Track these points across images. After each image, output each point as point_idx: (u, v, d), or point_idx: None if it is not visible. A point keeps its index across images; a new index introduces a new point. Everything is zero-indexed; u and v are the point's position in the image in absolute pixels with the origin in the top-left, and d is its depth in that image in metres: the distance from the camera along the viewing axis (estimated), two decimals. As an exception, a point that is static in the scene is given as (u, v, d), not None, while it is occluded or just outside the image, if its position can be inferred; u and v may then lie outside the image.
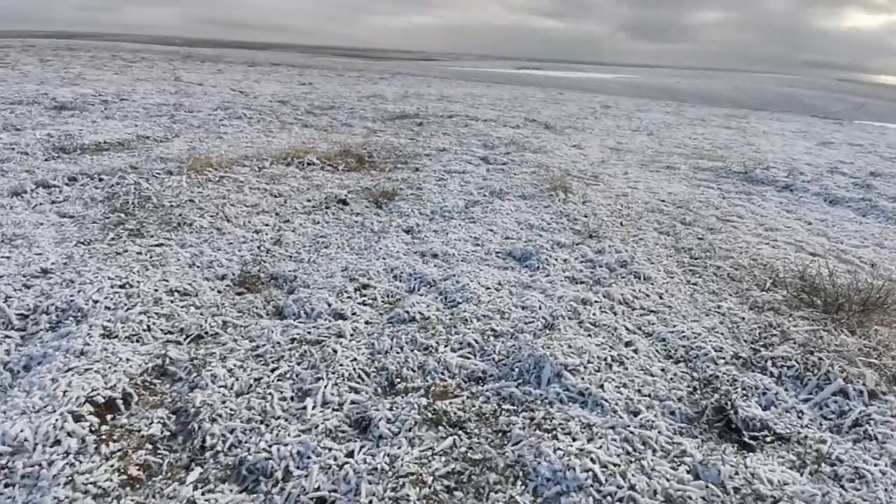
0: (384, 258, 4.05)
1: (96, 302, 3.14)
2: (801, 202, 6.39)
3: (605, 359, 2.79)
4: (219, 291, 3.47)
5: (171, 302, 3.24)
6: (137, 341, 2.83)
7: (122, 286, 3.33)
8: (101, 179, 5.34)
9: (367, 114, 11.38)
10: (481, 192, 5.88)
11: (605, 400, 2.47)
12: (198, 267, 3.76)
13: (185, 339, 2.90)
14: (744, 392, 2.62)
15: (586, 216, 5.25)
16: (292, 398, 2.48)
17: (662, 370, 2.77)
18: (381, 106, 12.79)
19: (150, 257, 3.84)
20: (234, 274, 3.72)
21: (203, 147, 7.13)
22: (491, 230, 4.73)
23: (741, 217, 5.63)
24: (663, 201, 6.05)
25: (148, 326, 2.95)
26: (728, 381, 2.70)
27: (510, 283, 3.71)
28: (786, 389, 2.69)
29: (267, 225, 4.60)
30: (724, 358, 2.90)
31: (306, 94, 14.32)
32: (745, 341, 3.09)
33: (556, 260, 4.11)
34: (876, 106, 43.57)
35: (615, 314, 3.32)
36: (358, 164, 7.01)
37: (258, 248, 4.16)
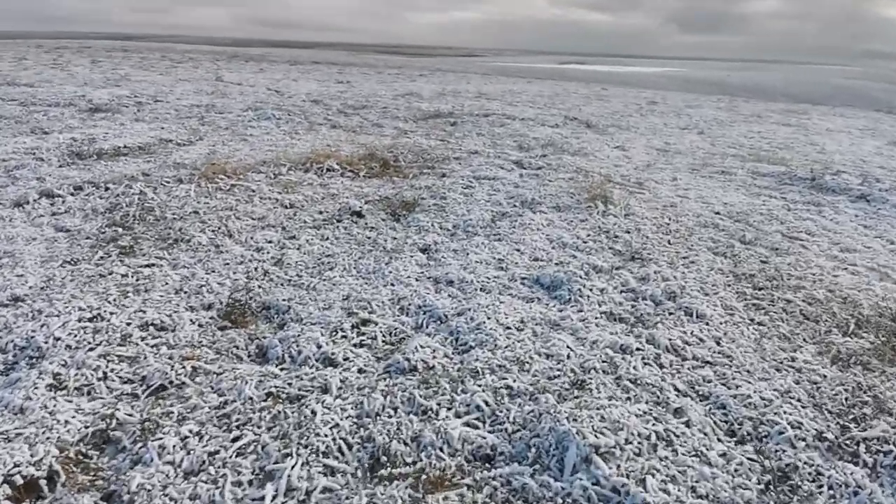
0: (392, 284, 3.52)
1: (58, 339, 2.73)
2: (881, 216, 5.50)
3: (649, 436, 2.17)
4: (200, 325, 3.01)
5: (142, 339, 2.80)
6: (87, 394, 2.39)
7: (91, 319, 2.92)
8: (106, 189, 5.02)
9: (400, 113, 10.88)
10: (511, 203, 5.28)
11: (647, 503, 1.87)
12: (184, 293, 3.32)
13: (143, 392, 2.44)
14: (831, 494, 1.96)
15: (628, 232, 4.58)
16: (250, 482, 1.98)
17: (723, 455, 2.13)
18: (415, 104, 12.27)
19: (136, 280, 3.43)
20: (221, 303, 3.26)
21: (224, 151, 6.78)
22: (518, 250, 4.13)
23: (811, 234, 4.83)
24: (718, 213, 5.29)
25: (105, 374, 2.51)
26: (810, 475, 2.04)
27: (535, 320, 3.12)
28: (882, 486, 2.02)
29: (270, 242, 4.14)
30: (804, 438, 2.23)
31: (342, 92, 13.95)
32: (830, 412, 2.41)
33: (591, 290, 3.48)
34: (947, 98, 40.26)
35: (661, 367, 2.68)
36: (381, 169, 6.50)
37: (255, 269, 3.70)
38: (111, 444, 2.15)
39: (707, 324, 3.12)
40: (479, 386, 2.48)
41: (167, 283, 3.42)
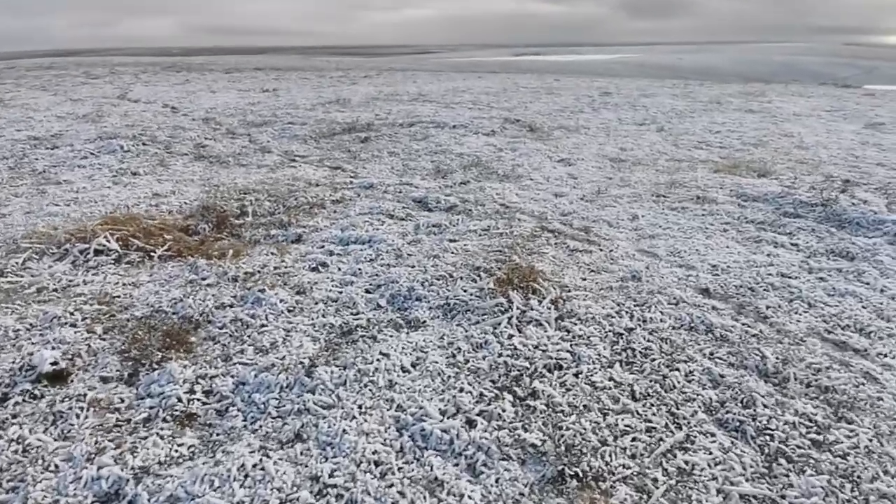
0: None
1: None
2: (952, 271, 3.35)
3: None
4: None
5: None
6: None
7: None
8: None
9: (307, 129, 8.45)
10: (371, 304, 2.98)
11: None
12: None
13: None
14: None
15: (564, 383, 2.34)
16: None
17: None
18: (333, 115, 9.83)
19: None
20: None
21: (-13, 217, 4.35)
22: (323, 467, 1.86)
23: (871, 335, 2.65)
24: (707, 292, 3.09)
25: None
26: None
27: None
28: None
29: None
30: None
31: (254, 105, 11.42)
32: None
33: None
34: (888, 69, 39.12)
35: None
36: (213, 231, 4.15)
37: None
38: None
39: None
40: None
41: None
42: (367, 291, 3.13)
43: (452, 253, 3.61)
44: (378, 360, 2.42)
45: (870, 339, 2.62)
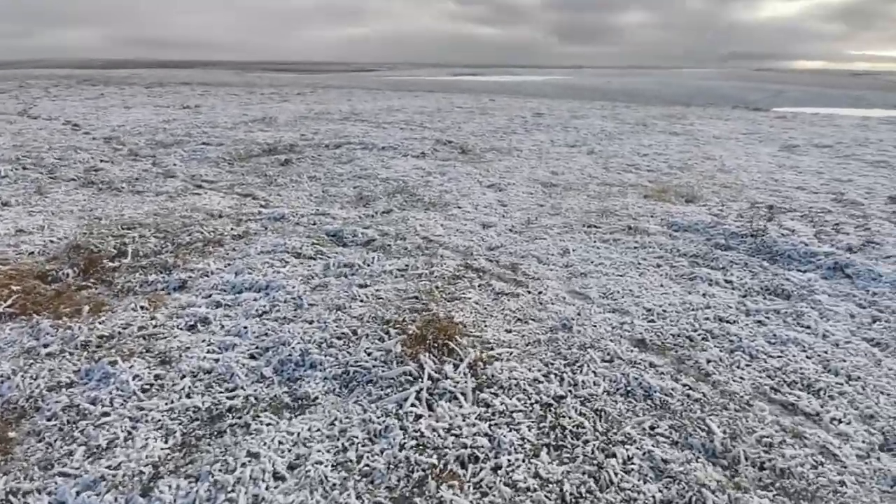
0: None
1: None
2: (886, 309, 3.16)
3: None
4: None
5: None
6: None
7: None
8: None
9: (222, 150, 7.69)
10: (252, 376, 2.38)
11: None
12: None
13: None
14: None
15: (479, 484, 1.86)
16: None
17: None
18: (253, 135, 9.09)
19: None
20: None
21: None
22: None
23: (822, 394, 2.34)
24: (643, 344, 2.72)
25: None
26: None
27: None
28: None
29: None
30: None
31: (168, 122, 10.46)
32: None
33: None
34: (793, 92, 42.21)
35: None
36: (78, 278, 3.42)
37: None
38: None
39: None
40: None
41: None
42: (252, 357, 2.54)
43: (361, 301, 3.08)
44: (244, 464, 1.85)
45: (820, 398, 2.32)
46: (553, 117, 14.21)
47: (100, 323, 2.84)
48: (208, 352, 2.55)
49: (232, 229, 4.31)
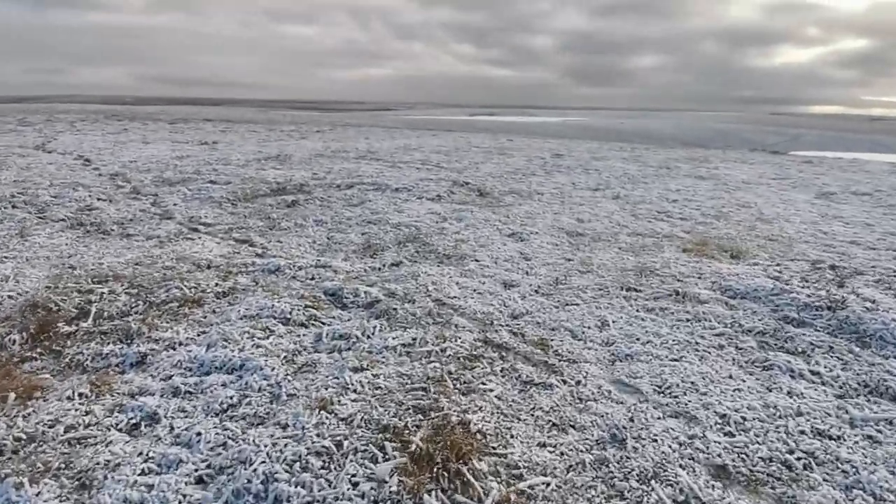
0: None
1: None
2: None
3: None
4: None
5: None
6: None
7: None
8: None
9: (226, 190, 7.20)
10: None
11: None
12: None
13: None
14: None
15: None
16: None
17: None
18: (264, 173, 8.64)
19: None
20: None
21: None
22: None
23: None
24: (724, 473, 1.98)
25: None
26: None
27: None
28: None
29: None
30: None
31: (181, 158, 10.12)
32: None
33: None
34: (811, 136, 41.48)
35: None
36: (25, 345, 2.81)
37: None
38: None
39: None
40: None
41: None
42: (199, 482, 1.86)
43: (355, 393, 2.40)
44: None
45: None
46: (573, 158, 13.67)
47: (24, 417, 2.20)
48: (142, 472, 1.88)
49: (217, 285, 3.70)
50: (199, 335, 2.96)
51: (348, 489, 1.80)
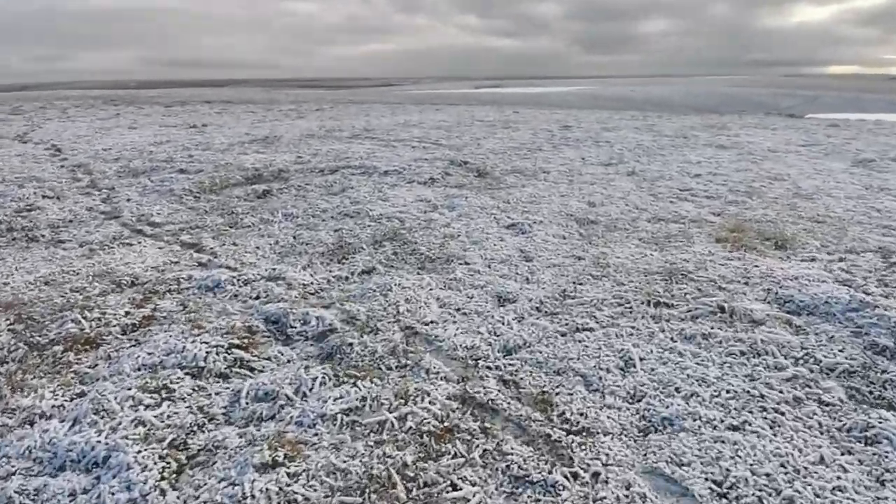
0: None
1: None
2: None
3: None
4: None
5: None
6: None
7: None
8: None
9: (194, 180, 6.29)
10: None
11: None
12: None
13: None
14: None
15: None
16: None
17: None
18: (242, 159, 7.70)
19: None
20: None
21: None
22: None
23: None
24: None
25: None
26: None
27: None
28: None
29: None
30: None
31: (159, 143, 9.21)
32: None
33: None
34: (828, 98, 39.21)
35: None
36: None
37: None
38: None
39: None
40: None
41: None
42: None
43: (254, 514, 1.52)
44: None
45: None
46: (582, 130, 12.49)
47: None
48: None
49: (127, 314, 2.83)
50: (70, 401, 2.11)
51: None
